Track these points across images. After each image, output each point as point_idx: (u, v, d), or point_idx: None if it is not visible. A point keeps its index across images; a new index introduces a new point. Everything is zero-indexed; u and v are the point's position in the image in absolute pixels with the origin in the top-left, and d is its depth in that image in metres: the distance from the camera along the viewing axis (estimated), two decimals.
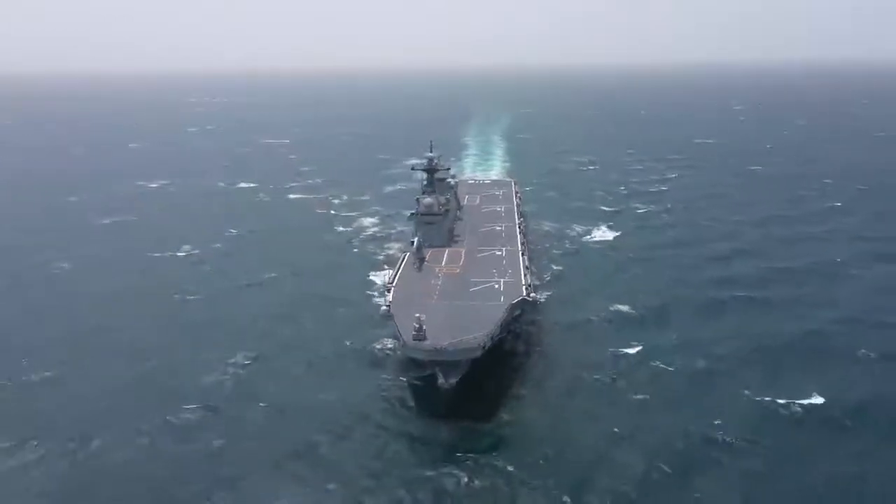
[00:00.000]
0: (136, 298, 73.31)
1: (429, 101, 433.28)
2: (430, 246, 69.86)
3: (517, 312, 56.59)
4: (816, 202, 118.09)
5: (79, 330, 64.56)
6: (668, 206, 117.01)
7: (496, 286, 59.54)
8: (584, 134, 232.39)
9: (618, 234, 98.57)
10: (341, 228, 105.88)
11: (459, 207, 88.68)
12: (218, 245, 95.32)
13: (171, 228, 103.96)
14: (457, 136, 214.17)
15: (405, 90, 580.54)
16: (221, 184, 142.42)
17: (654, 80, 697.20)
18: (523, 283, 59.83)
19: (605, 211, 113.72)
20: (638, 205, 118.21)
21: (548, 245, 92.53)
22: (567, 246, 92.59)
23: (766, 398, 49.73)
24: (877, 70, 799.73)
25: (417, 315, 48.31)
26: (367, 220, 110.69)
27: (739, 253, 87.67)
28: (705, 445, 44.27)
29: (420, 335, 47.12)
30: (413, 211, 75.42)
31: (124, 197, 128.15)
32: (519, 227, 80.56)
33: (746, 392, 50.66)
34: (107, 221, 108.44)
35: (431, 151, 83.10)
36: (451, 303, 55.77)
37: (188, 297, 73.58)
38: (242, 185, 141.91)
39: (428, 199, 74.15)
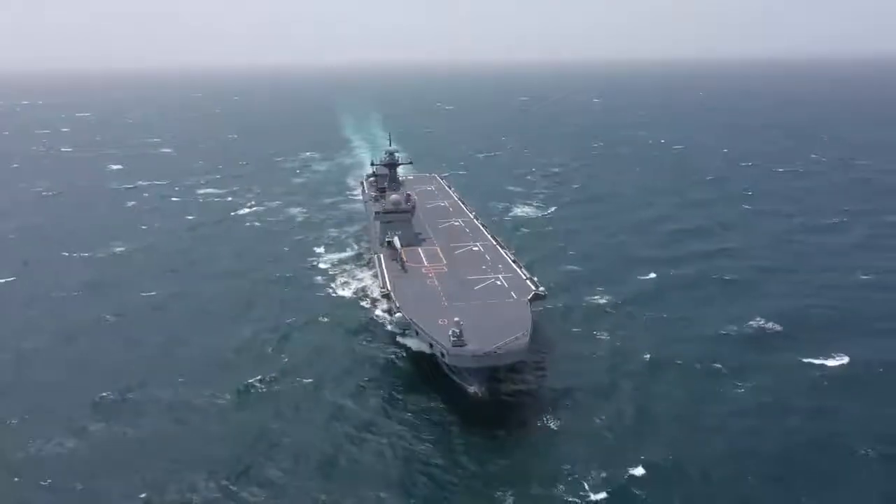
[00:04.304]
0: (96, 301, 69.20)
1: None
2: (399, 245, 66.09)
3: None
4: (698, 174, 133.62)
5: (54, 337, 60.95)
6: (575, 186, 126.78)
7: (497, 283, 58.03)
8: (467, 126, 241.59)
9: (547, 211, 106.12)
10: (271, 219, 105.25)
11: None
12: (151, 240, 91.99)
13: (90, 228, 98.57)
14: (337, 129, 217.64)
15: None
16: (114, 184, 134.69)
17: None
18: (524, 277, 58.78)
19: (518, 192, 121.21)
20: (545, 186, 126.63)
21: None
22: (505, 224, 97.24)
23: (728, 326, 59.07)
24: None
25: (456, 320, 45.90)
26: (294, 210, 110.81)
27: (664, 218, 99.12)
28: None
29: (461, 341, 44.56)
30: (378, 210, 71.02)
31: (16, 202, 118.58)
32: (476, 221, 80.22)
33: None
34: (12, 226, 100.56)
35: (391, 145, 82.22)
36: (468, 303, 52.72)
37: (145, 295, 70.43)
38: (141, 183, 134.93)
39: (395, 196, 71.69)
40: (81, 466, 41.98)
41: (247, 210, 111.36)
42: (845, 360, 52.81)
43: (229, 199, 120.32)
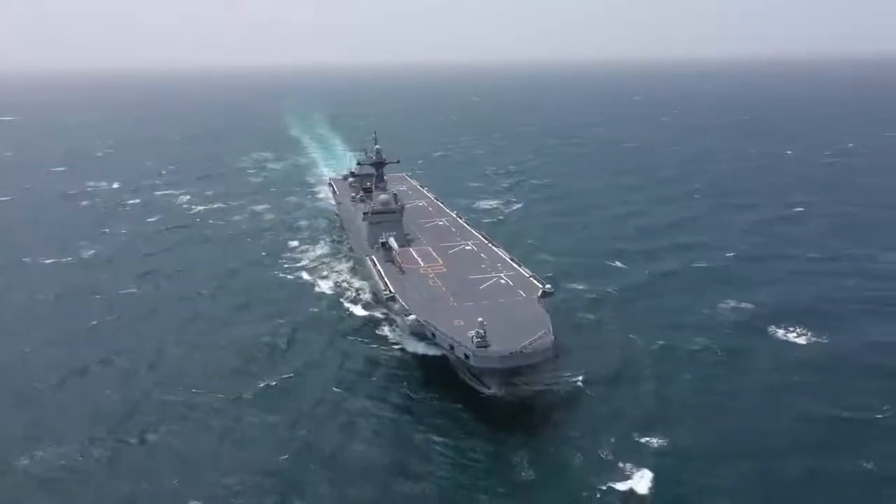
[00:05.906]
0: (81, 305, 67.19)
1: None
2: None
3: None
4: (659, 170, 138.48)
5: (50, 341, 59.28)
6: (542, 181, 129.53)
7: (501, 281, 57.49)
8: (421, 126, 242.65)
9: (514, 207, 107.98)
10: (237, 217, 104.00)
11: None
12: (120, 242, 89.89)
13: (50, 233, 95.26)
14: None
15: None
16: (73, 191, 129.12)
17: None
18: (527, 275, 58.23)
19: (480, 188, 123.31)
20: (508, 184, 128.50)
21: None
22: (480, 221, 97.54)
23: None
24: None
25: (480, 320, 44.74)
26: (259, 208, 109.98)
27: (634, 213, 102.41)
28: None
29: (485, 342, 43.59)
30: (367, 210, 69.60)
31: None
32: (460, 219, 79.70)
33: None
34: None
35: (377, 143, 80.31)
36: (478, 303, 51.93)
37: (130, 298, 69.32)
38: (93, 185, 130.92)
39: (384, 196, 70.76)
40: (90, 470, 41.33)
41: (212, 209, 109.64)
42: (827, 340, 56.30)
43: (189, 198, 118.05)
